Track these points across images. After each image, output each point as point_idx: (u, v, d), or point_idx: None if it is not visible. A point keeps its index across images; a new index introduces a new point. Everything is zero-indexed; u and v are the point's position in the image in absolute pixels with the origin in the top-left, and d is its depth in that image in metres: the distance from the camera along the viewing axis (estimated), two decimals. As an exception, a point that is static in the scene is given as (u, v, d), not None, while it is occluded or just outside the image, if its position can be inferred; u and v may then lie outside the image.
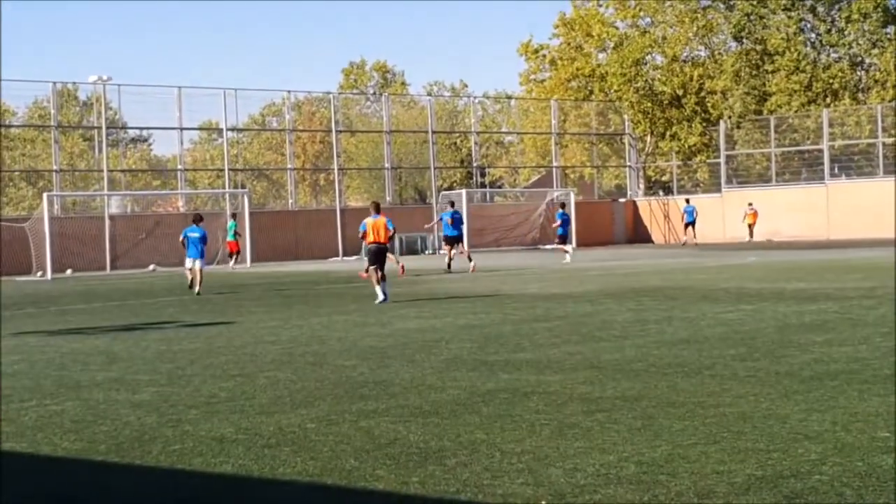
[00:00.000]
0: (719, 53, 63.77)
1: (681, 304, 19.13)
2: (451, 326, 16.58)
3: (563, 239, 40.10)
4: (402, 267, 31.41)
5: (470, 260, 34.34)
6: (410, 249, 53.10)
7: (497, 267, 36.67)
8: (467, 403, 9.62)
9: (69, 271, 43.68)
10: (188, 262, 27.95)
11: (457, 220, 35.29)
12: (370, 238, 22.90)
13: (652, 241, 61.47)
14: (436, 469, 7.15)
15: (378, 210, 23.49)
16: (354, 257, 48.47)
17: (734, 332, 14.34)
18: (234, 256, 44.82)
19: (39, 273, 41.87)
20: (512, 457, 7.43)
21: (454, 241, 35.05)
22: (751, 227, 54.84)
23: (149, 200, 60.56)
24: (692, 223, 54.86)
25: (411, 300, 22.60)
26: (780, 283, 23.44)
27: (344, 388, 10.71)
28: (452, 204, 37.87)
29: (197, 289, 27.10)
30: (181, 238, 28.47)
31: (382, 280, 22.31)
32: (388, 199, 57.76)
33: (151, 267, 44.87)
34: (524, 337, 14.69)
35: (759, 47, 60.93)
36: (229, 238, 44.91)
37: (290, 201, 55.18)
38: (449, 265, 34.25)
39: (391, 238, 23.32)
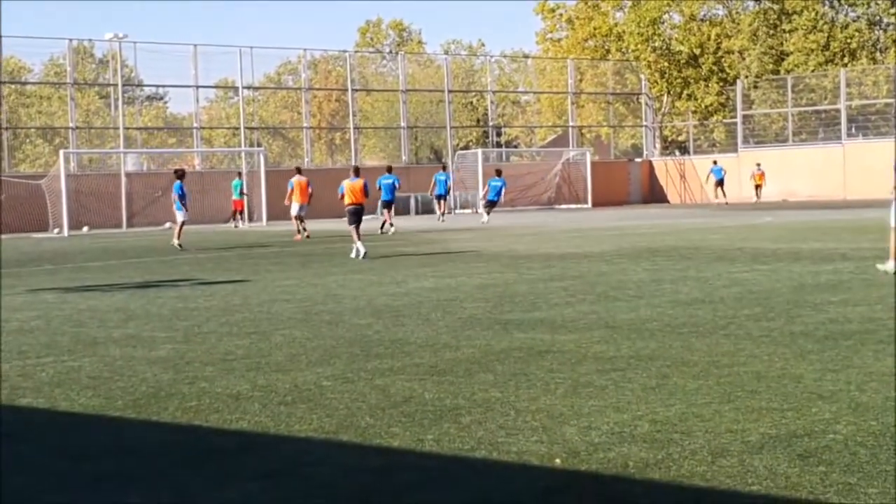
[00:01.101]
0: (737, 13, 63.33)
1: (696, 263, 19.08)
2: (465, 286, 16.58)
3: (492, 205, 41.10)
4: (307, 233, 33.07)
5: (389, 227, 34.94)
6: (426, 209, 53.05)
7: (513, 226, 36.65)
8: (482, 362, 9.64)
9: (85, 228, 43.85)
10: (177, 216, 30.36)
11: (388, 187, 35.86)
12: (348, 199, 24.49)
13: (668, 202, 61.31)
14: (451, 427, 7.18)
15: (357, 173, 25.06)
16: (370, 216, 48.48)
17: (749, 293, 14.31)
18: (238, 215, 44.89)
19: (56, 230, 42.04)
20: (526, 415, 7.45)
21: (386, 205, 36.09)
22: (758, 187, 54.63)
23: (165, 158, 60.61)
24: (720, 182, 54.74)
25: (428, 260, 22.62)
26: (796, 244, 23.37)
27: (359, 347, 10.74)
28: (389, 169, 38.20)
29: (176, 241, 29.29)
30: (172, 195, 31.12)
31: (358, 237, 23.76)
32: (404, 158, 57.72)
33: (167, 224, 44.96)
34: (539, 296, 14.69)
35: (776, 7, 60.46)
36: (235, 197, 44.93)
37: (306, 160, 55.16)
38: (386, 226, 35.25)
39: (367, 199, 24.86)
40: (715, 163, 56.44)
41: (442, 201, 43.63)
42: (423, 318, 12.85)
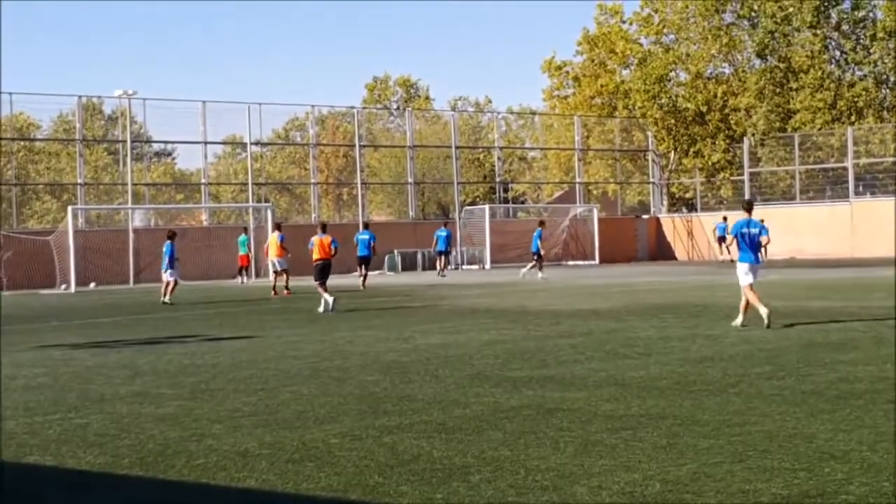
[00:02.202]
0: (743, 70, 63.62)
1: (705, 321, 19.06)
2: (474, 342, 16.55)
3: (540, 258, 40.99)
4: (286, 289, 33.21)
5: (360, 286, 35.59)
6: (434, 265, 53.03)
7: (520, 282, 36.65)
8: (491, 420, 9.61)
9: (93, 284, 43.86)
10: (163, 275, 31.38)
11: (364, 242, 36.37)
12: (317, 255, 25.57)
13: (675, 258, 61.28)
14: (460, 486, 7.14)
15: (324, 229, 26.47)
16: (377, 272, 48.53)
17: (759, 350, 14.27)
18: (244, 271, 44.84)
19: (63, 286, 42.05)
20: (536, 474, 7.41)
21: (364, 261, 36.55)
22: (763, 247, 54.24)
23: (172, 214, 60.79)
24: (722, 239, 54.53)
25: (435, 316, 22.59)
26: (805, 301, 23.33)
27: (367, 404, 10.71)
28: (366, 225, 38.58)
29: (165, 298, 30.03)
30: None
31: (325, 290, 24.79)
32: (411, 213, 57.82)
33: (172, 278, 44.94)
34: (548, 353, 14.65)
35: (783, 65, 60.78)
36: (241, 252, 44.88)
37: (314, 215, 55.25)
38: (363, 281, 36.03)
39: (335, 255, 26.08)
40: (724, 219, 56.15)
41: (443, 257, 44.61)
42: (432, 374, 12.82)
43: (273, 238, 34.97)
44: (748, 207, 19.34)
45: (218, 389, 12.08)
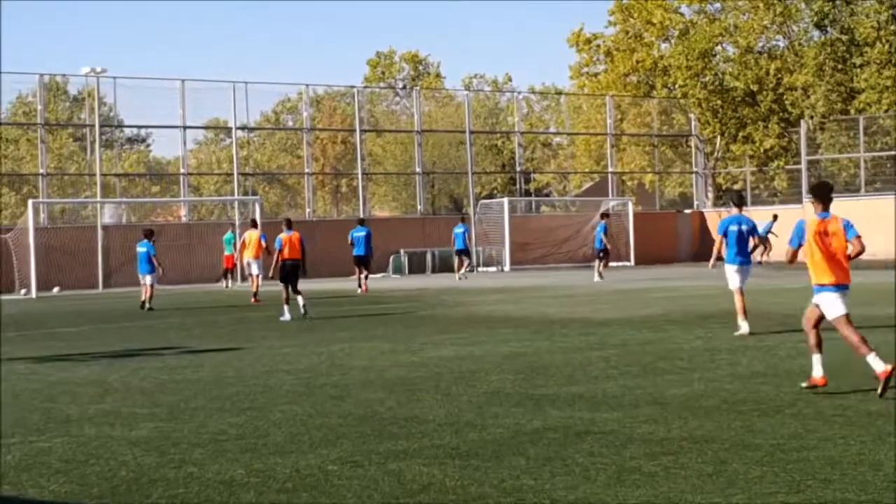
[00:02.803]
0: (800, 44, 63.53)
1: (756, 331, 19.01)
2: (491, 355, 16.55)
3: (606, 254, 41.69)
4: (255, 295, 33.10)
5: (362, 287, 36.13)
6: (445, 266, 53.08)
7: (544, 286, 36.66)
8: (511, 444, 9.60)
9: (56, 289, 43.98)
10: (140, 278, 31.61)
11: (360, 240, 36.80)
12: (285, 254, 25.74)
13: (722, 259, 61.19)
14: (476, 519, 7.14)
15: (290, 225, 26.52)
16: (381, 275, 48.59)
17: (818, 365, 14.22)
18: (229, 274, 44.82)
19: (23, 291, 42.19)
20: (564, 506, 7.40)
21: (362, 261, 36.88)
22: (761, 247, 53.75)
23: (147, 209, 60.95)
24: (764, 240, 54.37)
25: (447, 325, 22.60)
26: (870, 308, 23.27)
27: (370, 425, 10.72)
28: (361, 222, 38.69)
29: (147, 304, 30.56)
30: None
31: (297, 293, 25.18)
32: (419, 208, 57.91)
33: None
34: (576, 368, 14.65)
35: (845, 37, 60.65)
36: (227, 252, 44.80)
37: (308, 210, 55.37)
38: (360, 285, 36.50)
39: (304, 254, 26.29)
40: (774, 217, 55.84)
41: (463, 257, 44.39)
42: (443, 392, 12.82)
43: (254, 236, 34.82)
44: (739, 203, 20.34)
45: (199, 409, 12.10)
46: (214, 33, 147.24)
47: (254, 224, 36.59)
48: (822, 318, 12.56)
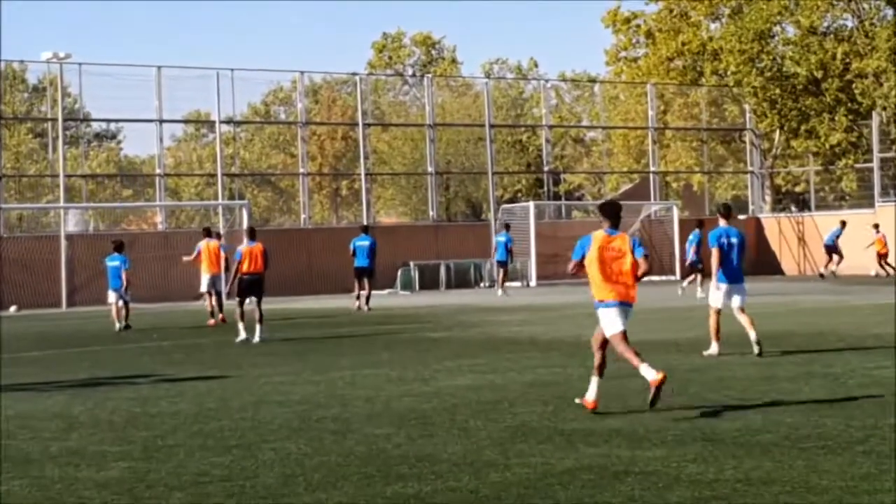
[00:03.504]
0: (871, 24, 63.48)
1: (820, 355, 19.03)
2: (515, 383, 16.58)
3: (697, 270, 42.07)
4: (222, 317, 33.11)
5: (364, 305, 36.41)
6: (461, 281, 53.11)
7: (575, 303, 36.61)
8: (539, 486, 9.61)
9: (14, 308, 44.09)
10: (111, 296, 31.64)
11: (363, 250, 37.20)
12: (245, 268, 26.17)
13: (781, 272, 61.17)
14: (498, 574, 7.15)
15: (253, 236, 27.00)
16: (387, 291, 48.62)
17: (893, 395, 14.21)
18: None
19: (-25, 310, 42.26)
20: (599, 558, 7.42)
21: (364, 274, 37.20)
22: (882, 256, 53.35)
23: (118, 215, 61.07)
24: (832, 249, 54.00)
25: (463, 348, 22.60)
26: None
27: (375, 465, 10.73)
28: (365, 229, 38.82)
29: (121, 324, 30.92)
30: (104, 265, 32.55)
31: (261, 321, 25.59)
32: (431, 213, 57.93)
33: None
34: (613, 398, 14.63)
35: (924, 15, 60.62)
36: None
37: (303, 216, 55.48)
38: (359, 301, 36.84)
39: (267, 267, 26.74)
40: (843, 224, 55.39)
41: (503, 270, 45.47)
42: (459, 426, 12.83)
43: (210, 246, 33.92)
44: (725, 213, 20.78)
45: (178, 446, 12.11)
46: (195, 12, 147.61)
47: (207, 232, 35.73)
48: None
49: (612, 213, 14.58)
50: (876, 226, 54.06)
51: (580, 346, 22.39)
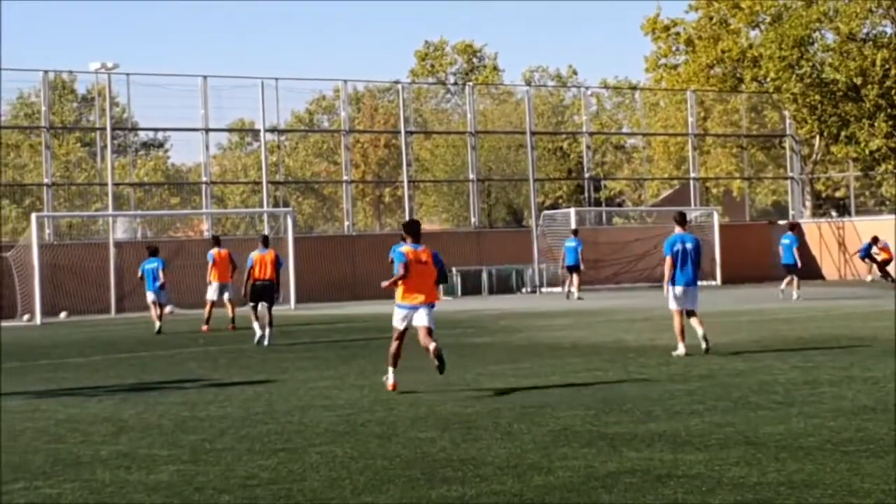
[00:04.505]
0: (911, 29, 63.14)
1: (862, 359, 18.93)
2: (558, 388, 16.56)
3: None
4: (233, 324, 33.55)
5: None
6: (503, 286, 53.08)
7: (618, 309, 36.55)
8: (582, 489, 9.60)
9: (63, 314, 44.27)
10: (149, 297, 33.23)
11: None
12: (256, 274, 27.24)
13: (822, 277, 60.87)
14: (543, 576, 7.13)
15: (266, 243, 28.23)
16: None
17: (935, 398, 14.15)
18: None
19: (26, 317, 42.48)
20: (643, 561, 7.39)
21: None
22: (882, 265, 52.78)
23: (165, 222, 61.29)
24: (866, 256, 53.45)
25: (506, 354, 22.59)
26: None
27: (420, 468, 10.73)
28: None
29: (160, 323, 32.17)
30: (139, 273, 34.05)
31: (270, 325, 26.57)
32: (473, 220, 57.91)
33: (168, 309, 45.29)
34: (655, 402, 14.60)
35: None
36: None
37: (347, 223, 55.53)
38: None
39: (278, 275, 28.06)
40: (874, 240, 54.39)
41: (574, 275, 46.12)
42: (503, 430, 12.82)
43: (221, 255, 34.66)
44: (681, 221, 21.64)
45: (226, 450, 12.15)
46: (239, 24, 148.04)
47: (216, 242, 35.75)
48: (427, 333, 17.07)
49: (413, 230, 17.30)
50: (875, 238, 53.16)
51: (622, 350, 22.38)
